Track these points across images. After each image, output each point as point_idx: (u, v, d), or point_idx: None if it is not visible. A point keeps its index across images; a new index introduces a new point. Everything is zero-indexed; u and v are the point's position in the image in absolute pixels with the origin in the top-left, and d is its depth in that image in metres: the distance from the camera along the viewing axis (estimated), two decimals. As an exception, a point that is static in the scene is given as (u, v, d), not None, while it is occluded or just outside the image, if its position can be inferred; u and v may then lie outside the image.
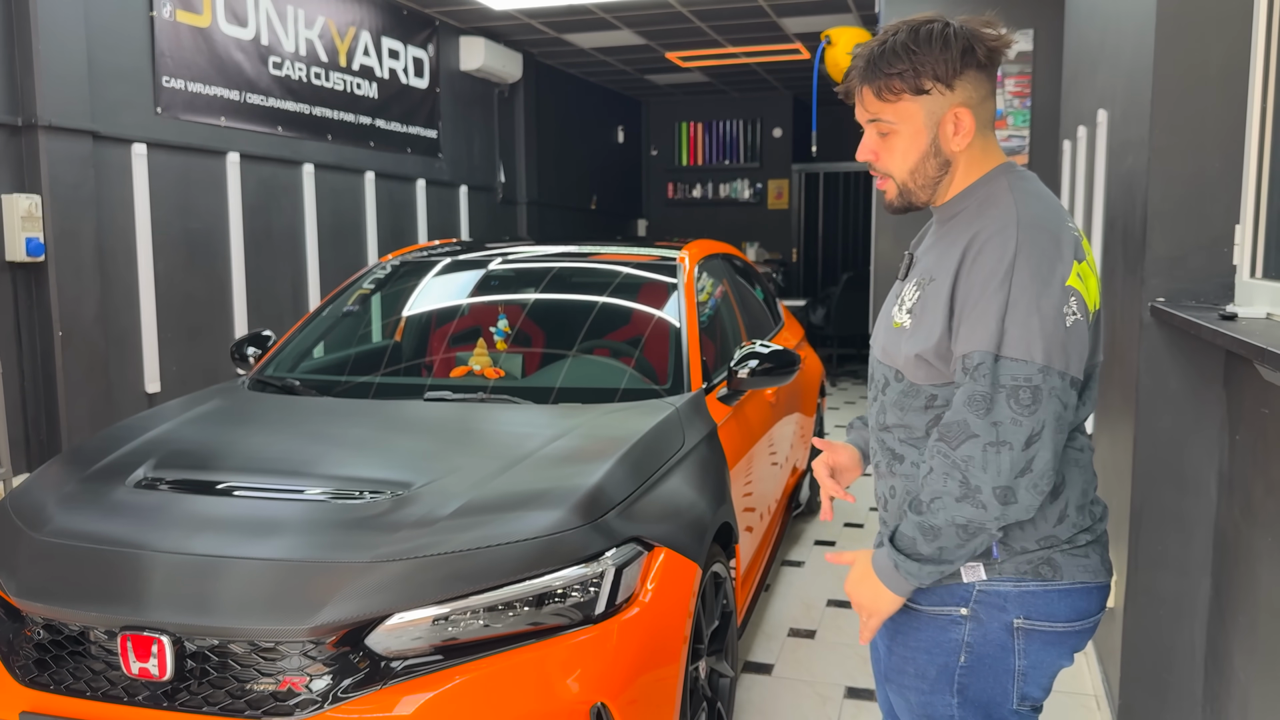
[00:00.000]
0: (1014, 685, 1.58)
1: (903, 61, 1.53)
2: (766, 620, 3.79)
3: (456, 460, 2.47)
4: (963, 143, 1.58)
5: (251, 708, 1.93)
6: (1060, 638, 1.57)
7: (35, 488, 2.52)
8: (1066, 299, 1.45)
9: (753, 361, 3.16)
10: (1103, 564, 1.61)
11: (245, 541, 2.12)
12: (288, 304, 6.35)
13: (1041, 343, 1.43)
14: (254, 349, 3.57)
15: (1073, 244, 1.50)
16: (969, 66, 1.54)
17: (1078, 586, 1.56)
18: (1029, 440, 1.43)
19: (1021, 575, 1.55)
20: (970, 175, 1.61)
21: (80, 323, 4.73)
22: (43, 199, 4.52)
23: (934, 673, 1.62)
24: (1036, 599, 1.55)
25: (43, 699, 2.04)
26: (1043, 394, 1.43)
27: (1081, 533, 1.57)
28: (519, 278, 3.83)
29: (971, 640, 1.58)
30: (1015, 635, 1.56)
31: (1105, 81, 3.57)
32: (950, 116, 1.56)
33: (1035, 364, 1.43)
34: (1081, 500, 1.57)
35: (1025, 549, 1.55)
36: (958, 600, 1.58)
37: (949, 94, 1.55)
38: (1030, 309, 1.44)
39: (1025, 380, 1.43)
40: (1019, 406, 1.43)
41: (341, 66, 6.74)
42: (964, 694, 1.60)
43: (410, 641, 1.98)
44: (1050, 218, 1.51)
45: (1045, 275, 1.45)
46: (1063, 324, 1.44)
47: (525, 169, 9.50)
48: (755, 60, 9.80)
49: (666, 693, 2.21)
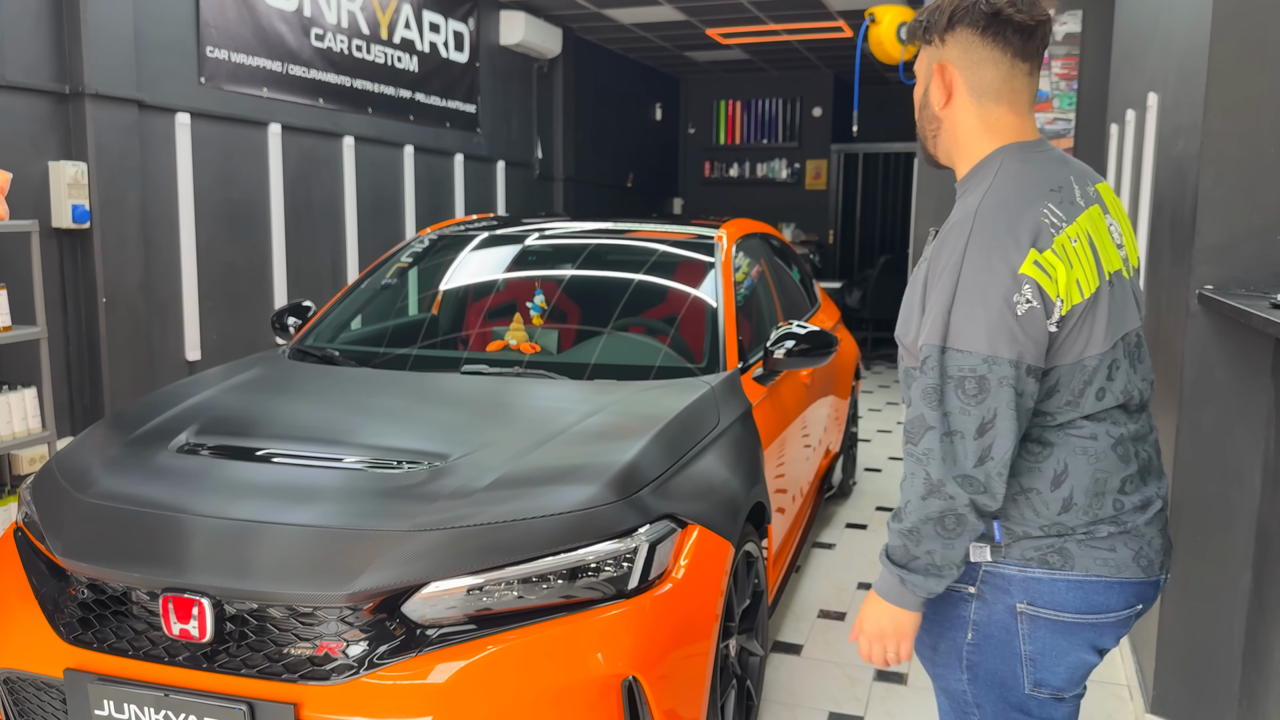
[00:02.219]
0: (1023, 669, 1.58)
1: (923, 14, 1.61)
2: (797, 601, 3.79)
3: (492, 433, 2.49)
4: (943, 100, 1.60)
5: (289, 671, 1.96)
6: (1070, 628, 1.55)
7: (81, 450, 2.56)
8: (1018, 287, 1.43)
9: (789, 342, 3.15)
10: (1136, 560, 1.55)
11: (285, 508, 2.15)
12: (327, 275, 6.40)
13: (985, 333, 1.43)
14: (294, 319, 3.61)
15: (1033, 231, 1.46)
16: (960, 23, 1.55)
17: (1092, 579, 1.53)
18: (981, 429, 1.44)
19: (1026, 561, 1.54)
20: (974, 152, 1.60)
21: (123, 290, 4.80)
22: (89, 166, 4.58)
23: (944, 646, 1.63)
24: (1042, 586, 1.54)
25: (86, 656, 2.08)
26: (990, 383, 1.43)
27: (1101, 523, 1.53)
28: (556, 254, 3.84)
29: (978, 619, 1.59)
30: (1019, 619, 1.56)
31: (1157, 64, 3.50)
32: (937, 70, 1.59)
33: (979, 354, 1.43)
34: (1094, 489, 1.53)
35: (1029, 534, 1.54)
36: (967, 578, 1.58)
37: (941, 48, 1.59)
38: (975, 300, 1.44)
39: (970, 371, 1.44)
40: (966, 397, 1.44)
41: (383, 39, 6.75)
42: (974, 671, 1.61)
43: (445, 610, 2.01)
44: (1016, 203, 1.49)
45: (994, 264, 1.44)
46: (1011, 313, 1.43)
47: (562, 145, 9.48)
48: (796, 38, 9.70)
49: (697, 669, 2.21)
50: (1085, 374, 1.51)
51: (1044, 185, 1.52)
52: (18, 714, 2.26)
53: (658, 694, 2.05)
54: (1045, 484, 1.53)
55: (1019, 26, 1.53)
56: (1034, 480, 1.53)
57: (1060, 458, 1.53)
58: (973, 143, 1.60)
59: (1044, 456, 1.53)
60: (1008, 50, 1.55)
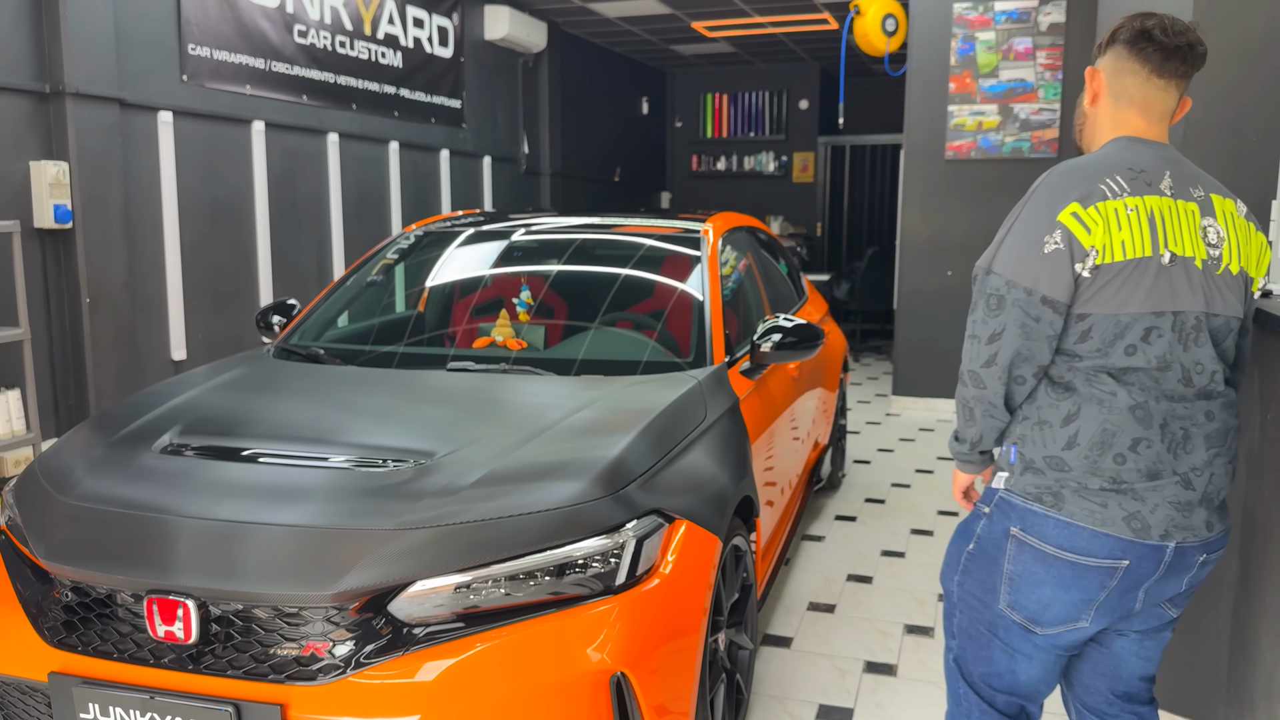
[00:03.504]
0: (1002, 584, 1.83)
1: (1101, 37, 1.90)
2: (786, 594, 3.80)
3: (479, 430, 2.48)
4: (1090, 99, 1.90)
5: (275, 672, 1.95)
6: (1049, 560, 1.77)
7: (63, 452, 2.54)
8: (1052, 230, 1.71)
9: (776, 335, 3.14)
10: (1127, 521, 1.71)
11: (270, 507, 2.14)
12: (312, 273, 6.38)
13: (1012, 262, 1.74)
14: (279, 317, 3.59)
15: (1084, 190, 1.71)
16: (1115, 42, 1.84)
17: (1078, 525, 1.73)
18: (991, 337, 1.76)
19: (1028, 496, 1.79)
20: (1098, 141, 1.88)
21: (107, 290, 4.77)
22: (70, 166, 4.55)
23: (952, 549, 1.95)
24: (1034, 518, 1.78)
25: (71, 659, 2.07)
26: (1006, 302, 1.74)
27: (1097, 475, 1.72)
28: (542, 249, 3.82)
29: (982, 533, 1.87)
30: (1010, 540, 1.81)
31: (1140, 53, 3.50)
32: (1090, 75, 1.89)
33: (1004, 278, 1.75)
34: (1099, 438, 1.72)
35: (1035, 466, 1.78)
36: (987, 499, 1.88)
37: (1101, 58, 1.88)
38: (1017, 236, 1.75)
39: (994, 290, 1.76)
40: (988, 310, 1.77)
41: (366, 35, 6.72)
42: (965, 576, 1.91)
43: (432, 609, 2.00)
44: (1084, 168, 1.76)
45: (1041, 211, 1.73)
46: (1040, 250, 1.71)
47: (549, 140, 9.47)
48: (782, 30, 9.69)
49: (686, 663, 2.21)
50: (1118, 328, 1.71)
51: (1123, 164, 1.76)
52: (3, 718, 2.24)
53: (646, 689, 2.05)
54: (1058, 419, 1.76)
55: (1164, 48, 1.79)
56: (1050, 414, 1.78)
57: (1077, 401, 1.75)
58: (1103, 137, 1.87)
59: (1064, 396, 1.77)
60: (1147, 65, 1.81)
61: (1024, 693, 1.91)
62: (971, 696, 1.95)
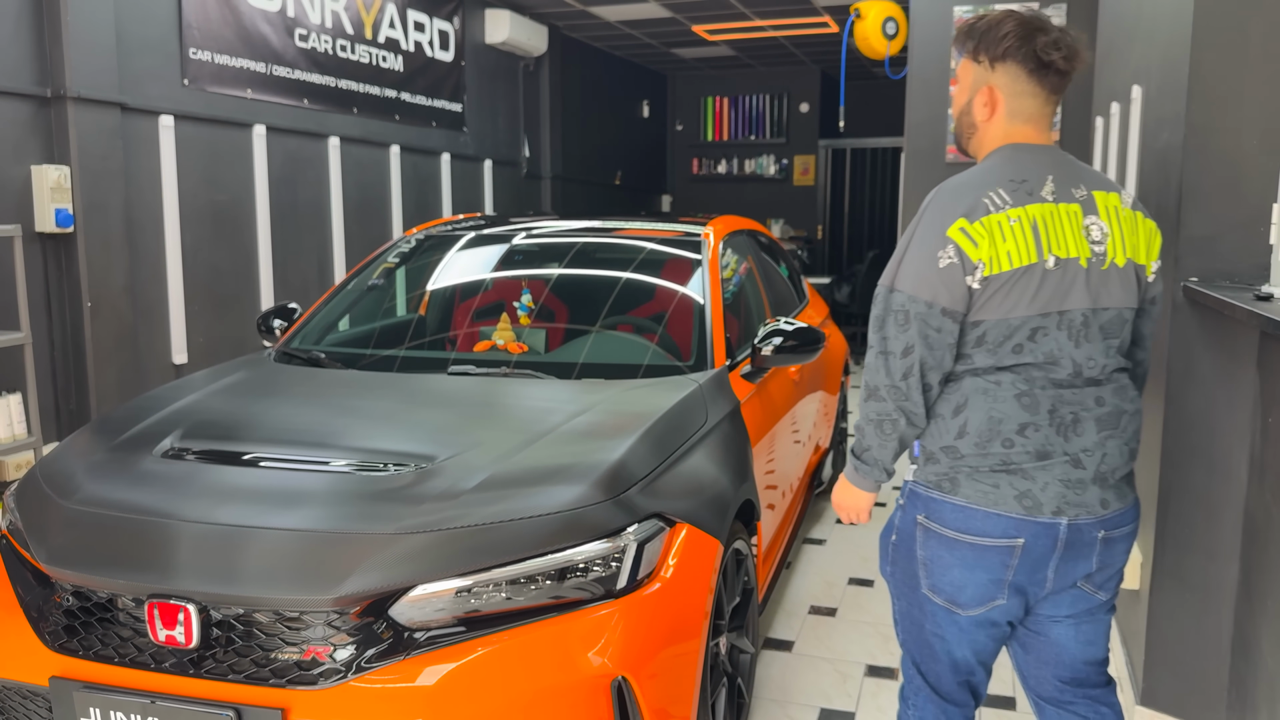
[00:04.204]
0: (920, 570, 1.94)
1: (975, 33, 1.92)
2: (787, 598, 3.80)
3: (480, 434, 2.48)
4: (986, 116, 1.93)
5: (276, 676, 1.95)
6: (951, 544, 1.87)
7: (65, 456, 2.54)
8: (944, 246, 1.80)
9: (777, 339, 3.14)
10: (1019, 500, 1.82)
11: (271, 512, 2.14)
12: (313, 277, 6.38)
13: (913, 278, 1.82)
14: (280, 321, 3.59)
15: (969, 206, 1.80)
16: (1012, 58, 1.87)
17: (973, 507, 1.84)
18: (906, 350, 1.84)
19: (929, 484, 1.90)
20: (986, 149, 1.95)
21: (109, 294, 4.78)
22: (72, 170, 4.56)
23: (884, 541, 2.05)
24: (935, 504, 1.89)
25: (72, 664, 2.07)
26: (912, 316, 1.82)
27: (989, 459, 1.83)
28: (543, 253, 3.82)
29: (899, 524, 1.98)
30: (918, 528, 1.92)
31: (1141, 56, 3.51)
32: (985, 91, 1.92)
33: (906, 294, 1.83)
34: (986, 426, 1.83)
35: (934, 457, 1.89)
36: (903, 492, 1.99)
37: (989, 72, 1.91)
38: (914, 254, 1.83)
39: (900, 306, 1.84)
40: (897, 326, 1.84)
41: (367, 39, 6.73)
42: (894, 566, 2.01)
43: (433, 613, 2.00)
44: (968, 184, 1.85)
45: (933, 227, 1.82)
46: (935, 265, 1.80)
47: (549, 143, 9.47)
48: (783, 34, 9.70)
49: (687, 668, 2.21)
50: (1007, 330, 1.82)
51: (1005, 176, 1.85)
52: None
53: (647, 693, 2.05)
54: (949, 411, 1.87)
55: (1060, 72, 1.87)
56: (942, 407, 1.88)
57: (964, 392, 1.86)
58: (992, 145, 1.95)
59: (953, 390, 1.88)
60: (1045, 88, 1.89)
61: (964, 669, 1.99)
62: (918, 681, 2.05)
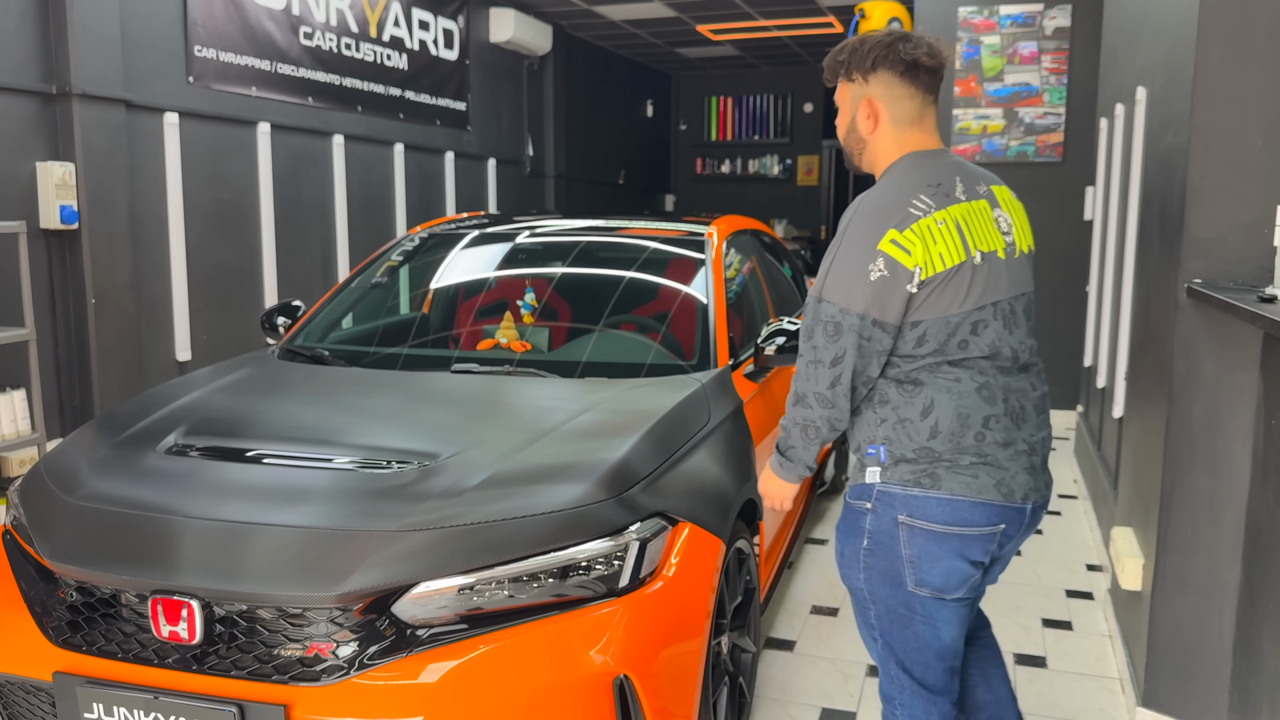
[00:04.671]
0: (905, 569, 1.96)
1: (842, 55, 2.03)
2: (789, 597, 3.80)
3: (483, 432, 2.48)
4: (870, 128, 2.01)
5: (279, 672, 1.95)
6: (940, 537, 1.92)
7: (68, 452, 2.55)
8: (874, 259, 1.86)
9: (780, 338, 3.14)
10: (997, 487, 1.91)
11: (274, 508, 2.14)
12: (317, 274, 6.39)
13: (844, 291, 1.88)
14: (284, 319, 3.59)
15: (897, 216, 1.87)
16: (881, 66, 1.97)
17: (957, 499, 1.90)
18: (835, 360, 1.89)
19: (906, 483, 1.93)
20: (887, 161, 2.02)
21: (112, 290, 4.78)
22: (76, 167, 4.56)
23: (848, 551, 2.04)
24: (917, 502, 1.92)
25: (75, 659, 2.07)
26: (844, 328, 1.88)
27: (965, 453, 1.91)
28: (546, 251, 3.83)
29: (872, 529, 1.98)
30: (900, 528, 1.94)
31: (1145, 58, 3.51)
32: (865, 104, 2.01)
33: (837, 305, 1.89)
34: (957, 421, 1.90)
35: (906, 458, 1.93)
36: (865, 496, 1.99)
37: (864, 85, 2.00)
38: (842, 266, 1.89)
39: (830, 318, 1.89)
40: (826, 336, 1.90)
41: (372, 37, 6.73)
42: (869, 572, 2.01)
43: (436, 610, 2.00)
44: (890, 196, 1.91)
45: (861, 242, 1.88)
46: (866, 278, 1.86)
47: (553, 142, 9.47)
48: (787, 34, 9.70)
49: (689, 666, 2.21)
50: (949, 327, 1.89)
51: (922, 181, 1.93)
52: (7, 718, 2.25)
53: (649, 692, 2.05)
54: (916, 414, 1.92)
55: (929, 69, 1.97)
56: (909, 412, 1.92)
57: (929, 394, 1.91)
58: (889, 156, 2.02)
59: (916, 394, 1.92)
60: (919, 87, 1.98)
61: (950, 653, 2.06)
62: (904, 679, 2.07)
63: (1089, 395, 5.25)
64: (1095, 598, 3.82)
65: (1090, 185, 5.76)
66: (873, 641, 2.11)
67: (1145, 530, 2.89)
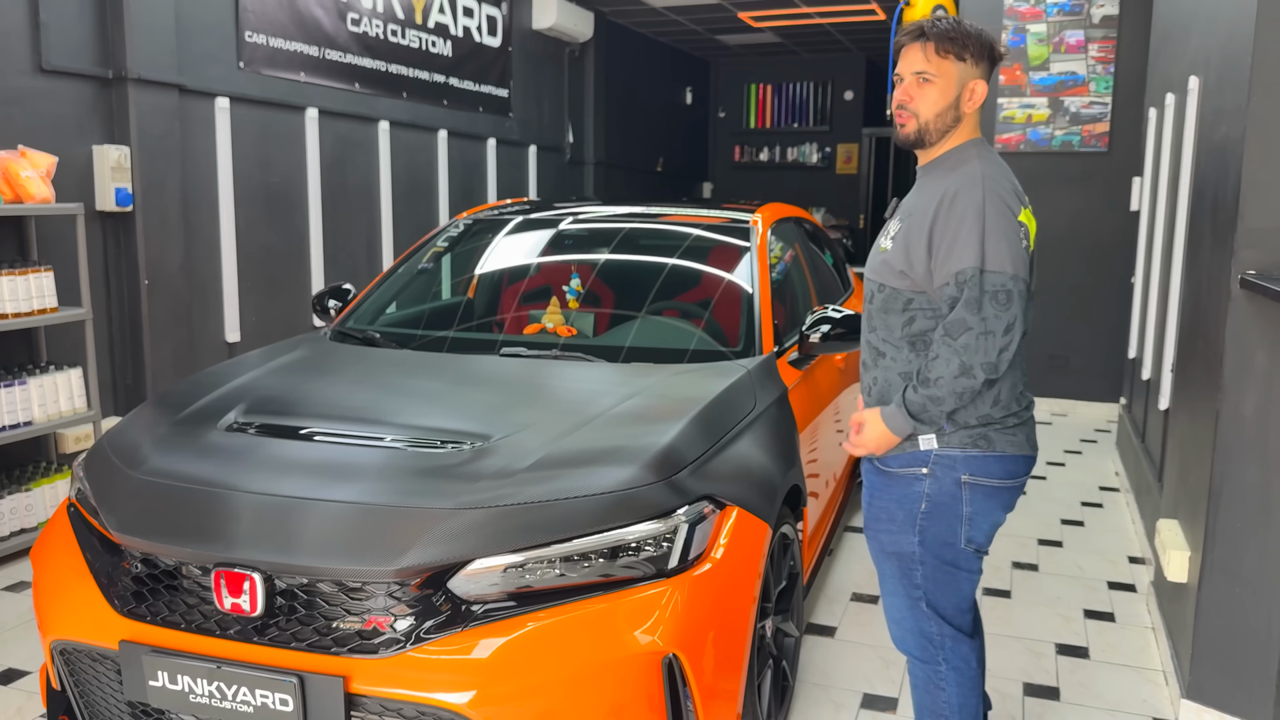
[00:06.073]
0: (962, 528, 2.15)
1: (957, 33, 2.12)
2: (830, 584, 3.81)
3: (532, 415, 2.52)
4: (973, 107, 2.16)
5: (338, 644, 2.01)
6: (995, 492, 2.14)
7: (131, 429, 2.62)
8: (1020, 228, 2.05)
9: (825, 326, 3.15)
10: (1028, 441, 2.18)
11: (333, 485, 2.19)
12: (362, 258, 6.47)
13: (1010, 258, 2.01)
14: (335, 301, 3.66)
15: (1019, 194, 2.09)
16: (987, 58, 2.15)
17: (1008, 456, 2.13)
18: (1008, 328, 2.01)
19: (965, 446, 2.12)
20: (959, 139, 2.17)
21: (165, 272, 4.88)
22: (131, 150, 4.65)
23: (902, 516, 2.20)
24: (977, 462, 2.12)
25: (141, 629, 2.14)
26: (1014, 294, 2.00)
27: (1010, 416, 2.14)
28: (591, 237, 3.86)
29: (931, 492, 2.15)
30: (963, 488, 2.13)
31: (1198, 47, 3.47)
32: (972, 84, 2.15)
33: (1007, 273, 2.00)
34: (1009, 391, 2.13)
35: (968, 424, 2.11)
36: (920, 463, 2.15)
37: (976, 69, 2.14)
38: (1000, 235, 2.01)
39: (1001, 286, 2.00)
40: (998, 305, 2.00)
41: (417, 24, 6.79)
42: (923, 534, 2.17)
43: (489, 587, 2.04)
44: (1004, 177, 2.11)
45: (1007, 213, 2.03)
46: (1020, 245, 2.03)
47: (593, 129, 9.50)
48: (829, 20, 9.64)
49: (736, 648, 2.24)
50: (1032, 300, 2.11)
51: (1008, 167, 2.16)
52: (73, 684, 2.32)
53: (698, 671, 2.08)
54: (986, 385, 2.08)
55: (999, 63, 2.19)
56: None
57: None
58: (963, 136, 2.18)
59: None
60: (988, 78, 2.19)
61: (973, 597, 2.28)
62: (946, 629, 2.23)
63: (1133, 388, 5.20)
64: (1138, 590, 3.81)
65: (1137, 176, 5.69)
66: (910, 603, 2.25)
67: (1192, 523, 2.87)
